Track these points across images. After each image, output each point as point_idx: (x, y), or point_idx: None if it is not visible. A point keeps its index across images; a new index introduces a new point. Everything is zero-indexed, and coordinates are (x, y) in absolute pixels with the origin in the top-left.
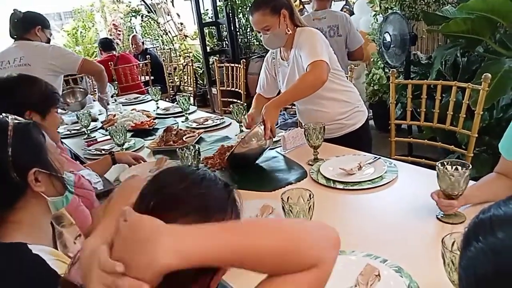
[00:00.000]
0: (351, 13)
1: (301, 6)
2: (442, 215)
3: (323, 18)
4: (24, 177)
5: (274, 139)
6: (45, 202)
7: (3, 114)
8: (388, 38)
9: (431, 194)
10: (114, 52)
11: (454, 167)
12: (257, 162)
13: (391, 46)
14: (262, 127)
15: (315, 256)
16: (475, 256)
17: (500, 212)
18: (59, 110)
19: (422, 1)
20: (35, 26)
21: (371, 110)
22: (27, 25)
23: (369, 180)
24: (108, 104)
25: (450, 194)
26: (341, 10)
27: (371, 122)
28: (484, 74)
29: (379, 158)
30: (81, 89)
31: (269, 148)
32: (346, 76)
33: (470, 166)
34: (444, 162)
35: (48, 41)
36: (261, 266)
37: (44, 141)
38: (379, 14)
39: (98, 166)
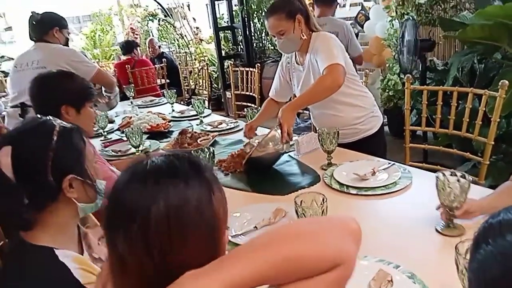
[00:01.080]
0: (367, 18)
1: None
2: (441, 228)
3: (324, 25)
4: (59, 182)
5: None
6: (75, 207)
7: (51, 117)
8: (404, 44)
9: (437, 208)
10: (134, 55)
11: (454, 177)
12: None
13: (406, 52)
14: (279, 130)
15: (338, 257)
16: (484, 259)
17: (510, 216)
18: None
19: (439, 6)
20: (52, 28)
21: (386, 116)
22: (45, 27)
23: (382, 186)
24: (110, 104)
25: (449, 205)
26: (357, 15)
27: (386, 128)
28: (502, 81)
29: (393, 164)
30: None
31: (285, 152)
32: (361, 81)
33: (471, 178)
34: (444, 173)
35: (67, 40)
36: (286, 278)
37: (84, 148)
38: (395, 20)
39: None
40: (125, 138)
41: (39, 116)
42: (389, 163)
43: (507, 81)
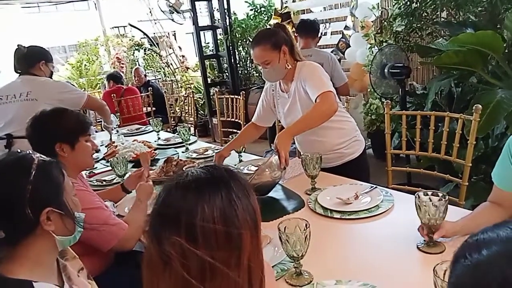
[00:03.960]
0: (348, 45)
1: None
2: (422, 245)
3: (309, 56)
4: (37, 215)
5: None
6: (53, 240)
7: (30, 151)
8: (381, 69)
9: (417, 228)
10: (122, 85)
11: (431, 197)
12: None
13: (384, 76)
14: (276, 157)
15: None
16: (461, 272)
17: (486, 236)
18: None
19: (415, 34)
20: (39, 61)
21: (369, 139)
22: (31, 61)
23: (365, 210)
24: (111, 133)
25: (428, 224)
26: (338, 43)
27: (370, 151)
28: (475, 105)
29: (376, 187)
30: None
31: (281, 179)
32: (343, 107)
33: (447, 197)
34: (424, 192)
35: (51, 74)
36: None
37: (63, 181)
38: (374, 47)
39: (108, 195)
40: (104, 169)
41: (18, 150)
42: (372, 187)
43: (480, 105)
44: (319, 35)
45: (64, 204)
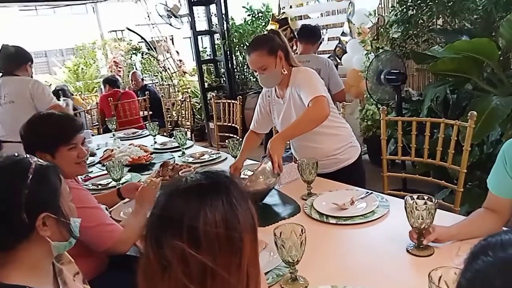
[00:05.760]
0: (344, 51)
1: (295, 47)
2: (411, 248)
3: (307, 62)
4: (33, 220)
5: None
6: (48, 245)
7: (28, 155)
8: (378, 75)
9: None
10: (118, 89)
11: (417, 201)
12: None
13: (381, 83)
14: (269, 163)
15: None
16: (483, 269)
17: (510, 236)
18: None
19: (412, 40)
20: (27, 62)
21: (365, 145)
22: (19, 61)
23: (361, 215)
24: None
25: (418, 227)
26: (335, 49)
27: (366, 156)
28: (470, 112)
29: (371, 193)
30: None
31: (275, 185)
32: (339, 113)
33: (436, 201)
34: (412, 196)
35: (31, 75)
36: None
37: (60, 186)
38: (370, 53)
39: (103, 199)
40: (99, 173)
41: (16, 154)
42: (367, 192)
43: (475, 112)
44: (320, 41)
45: (60, 209)
